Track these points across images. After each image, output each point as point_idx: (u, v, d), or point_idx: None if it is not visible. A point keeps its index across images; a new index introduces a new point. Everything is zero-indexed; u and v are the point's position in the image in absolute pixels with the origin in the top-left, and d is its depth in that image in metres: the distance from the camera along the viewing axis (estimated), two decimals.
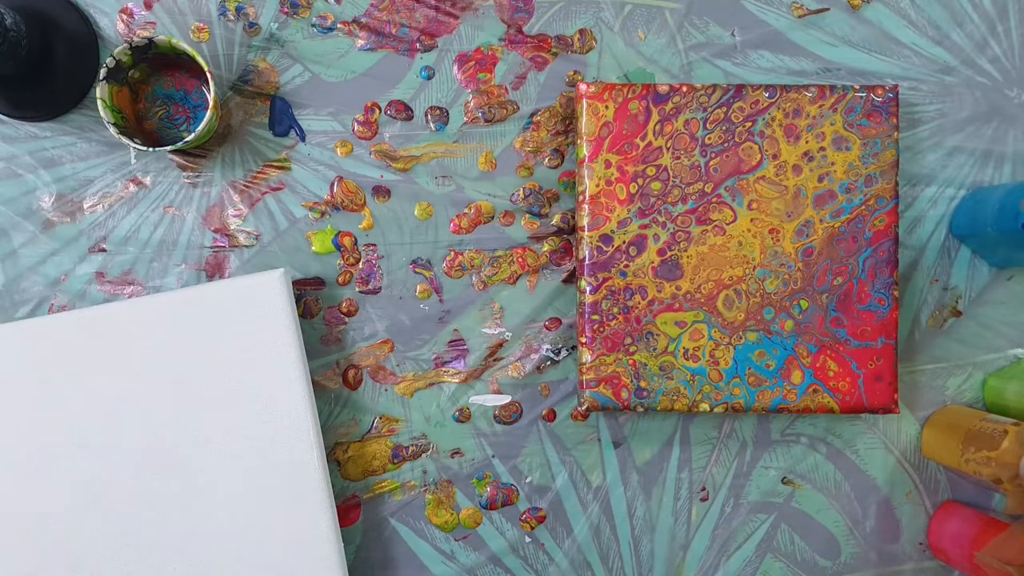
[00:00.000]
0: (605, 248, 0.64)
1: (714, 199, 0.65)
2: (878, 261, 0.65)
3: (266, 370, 0.64)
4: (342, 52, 0.68)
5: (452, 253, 0.68)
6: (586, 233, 0.64)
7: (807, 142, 0.65)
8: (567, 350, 0.69)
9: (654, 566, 0.69)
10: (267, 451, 0.64)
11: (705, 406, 0.65)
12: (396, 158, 0.68)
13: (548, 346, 0.69)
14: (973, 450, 0.62)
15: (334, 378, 0.68)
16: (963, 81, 0.69)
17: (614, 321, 0.64)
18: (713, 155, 0.65)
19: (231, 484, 0.64)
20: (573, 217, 0.69)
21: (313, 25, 0.68)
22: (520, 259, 0.69)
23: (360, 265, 0.68)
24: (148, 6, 0.67)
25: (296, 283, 0.68)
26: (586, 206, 0.64)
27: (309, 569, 0.64)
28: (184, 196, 0.68)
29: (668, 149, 0.65)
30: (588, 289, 0.65)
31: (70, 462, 0.64)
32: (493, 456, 0.69)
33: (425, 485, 0.69)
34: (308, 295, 0.68)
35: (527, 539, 0.69)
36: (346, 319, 0.68)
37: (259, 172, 0.68)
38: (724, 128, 0.65)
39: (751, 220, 0.65)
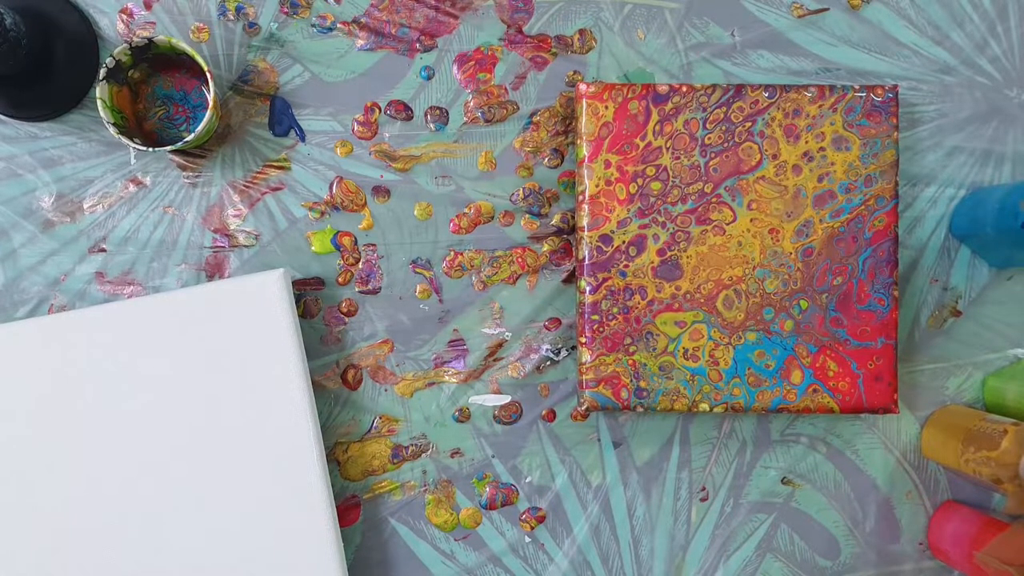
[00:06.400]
0: (605, 248, 0.64)
1: (714, 199, 0.65)
2: (878, 261, 0.65)
3: (266, 370, 0.64)
4: (342, 52, 0.68)
5: (452, 253, 0.68)
6: (586, 233, 0.64)
7: (807, 142, 0.65)
8: (567, 350, 0.69)
9: (654, 566, 0.69)
10: (267, 451, 0.64)
11: (705, 406, 0.65)
12: (396, 158, 0.68)
13: (548, 346, 0.69)
14: (973, 450, 0.62)
15: (334, 378, 0.68)
16: (963, 81, 0.69)
17: (614, 321, 0.64)
18: (713, 155, 0.65)
19: (231, 484, 0.64)
20: (573, 217, 0.69)
21: (313, 25, 0.68)
22: (520, 259, 0.69)
23: (360, 265, 0.68)
24: (148, 6, 0.67)
25: (296, 283, 0.68)
26: (586, 206, 0.64)
27: (309, 569, 0.64)
28: (184, 196, 0.68)
29: (668, 149, 0.65)
30: (588, 289, 0.65)
31: (69, 462, 0.64)
32: (493, 456, 0.69)
33: (425, 485, 0.69)
34: (308, 295, 0.68)
35: (527, 539, 0.69)
36: (346, 319, 0.68)
37: (259, 172, 0.68)
38: (724, 128, 0.65)
39: (751, 220, 0.65)
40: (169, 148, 0.62)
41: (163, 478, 0.64)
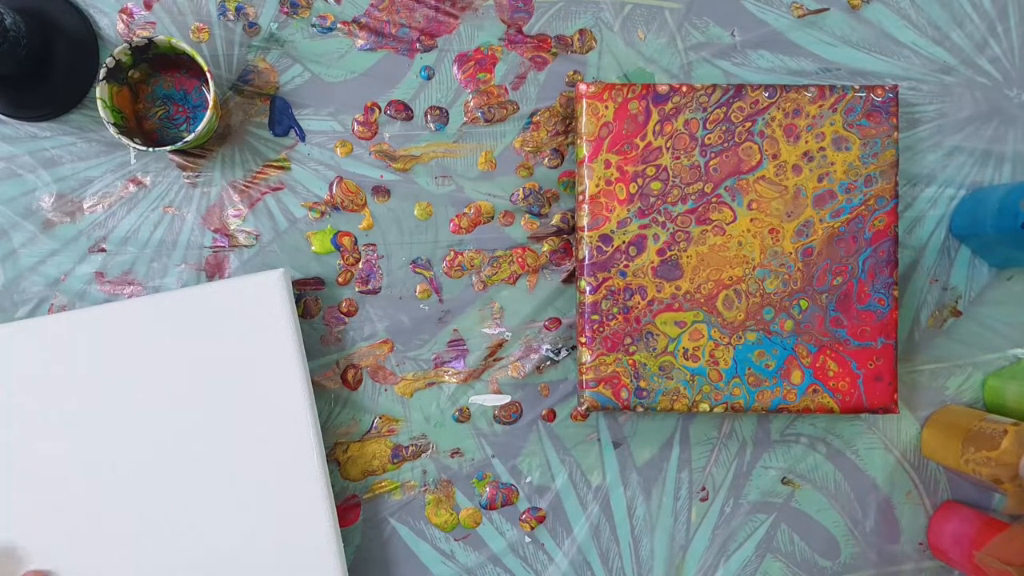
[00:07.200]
0: (605, 248, 0.64)
1: (714, 199, 0.65)
2: (878, 261, 0.65)
3: (266, 370, 0.64)
4: (342, 52, 0.68)
5: (452, 253, 0.68)
6: (586, 233, 0.64)
7: (807, 142, 0.65)
8: (567, 350, 0.69)
9: (654, 566, 0.69)
10: (267, 451, 0.64)
11: (705, 406, 0.65)
12: (396, 158, 0.68)
13: (548, 346, 0.69)
14: (973, 450, 0.62)
15: (334, 378, 0.68)
16: (963, 81, 0.69)
17: (614, 321, 0.64)
18: (713, 155, 0.65)
19: (230, 484, 0.64)
20: (573, 217, 0.69)
21: (313, 25, 0.68)
22: (520, 259, 0.69)
23: (360, 265, 0.68)
24: (148, 6, 0.67)
25: (296, 283, 0.68)
26: (586, 206, 0.64)
27: (309, 569, 0.64)
28: (184, 196, 0.68)
29: (668, 149, 0.65)
30: (588, 289, 0.65)
31: (69, 462, 0.64)
32: (493, 456, 0.69)
33: (425, 485, 0.69)
34: (308, 295, 0.68)
35: (527, 539, 0.69)
36: (346, 319, 0.68)
37: (259, 172, 0.68)
38: (724, 128, 0.65)
39: (751, 220, 0.65)
40: (169, 148, 0.62)
41: (163, 478, 0.64)
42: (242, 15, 0.67)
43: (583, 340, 0.65)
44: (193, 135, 0.61)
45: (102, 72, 0.61)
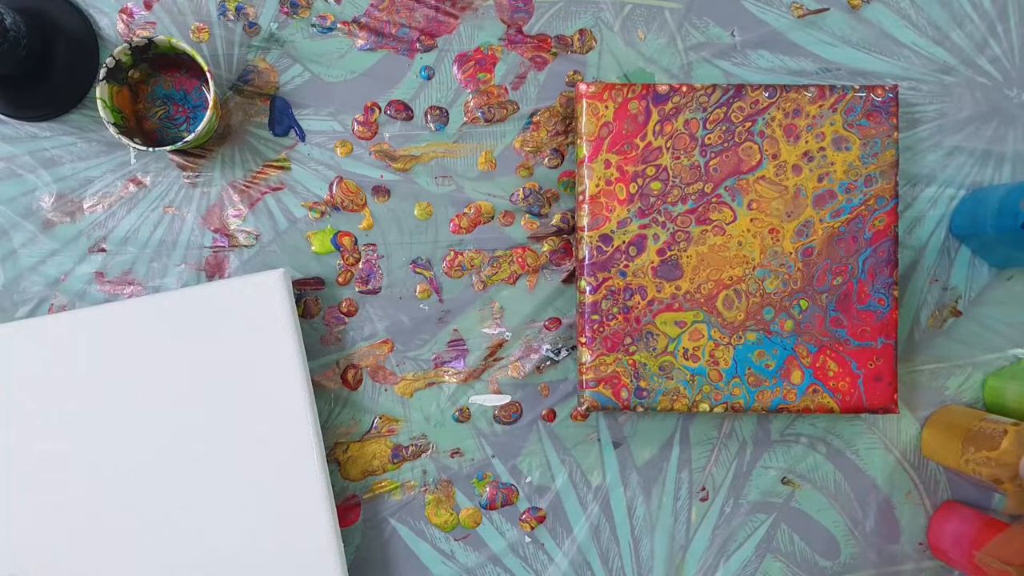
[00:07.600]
0: (605, 248, 0.64)
1: (714, 199, 0.65)
2: (878, 261, 0.65)
3: (266, 370, 0.64)
4: (342, 52, 0.68)
5: (452, 253, 0.68)
6: (586, 233, 0.65)
7: (807, 142, 0.65)
8: (567, 350, 0.69)
9: (654, 566, 0.69)
10: (267, 451, 0.64)
11: (705, 406, 0.65)
12: (396, 158, 0.68)
13: (548, 346, 0.69)
14: (973, 450, 0.62)
15: (334, 378, 0.68)
16: (963, 81, 0.69)
17: (614, 321, 0.64)
18: (713, 155, 0.65)
19: (230, 484, 0.64)
20: (573, 217, 0.69)
21: (313, 25, 0.68)
22: (520, 259, 0.69)
23: (360, 265, 0.68)
24: (148, 6, 0.67)
25: (296, 283, 0.68)
26: (586, 206, 0.64)
27: (309, 569, 0.64)
28: (184, 196, 0.68)
29: (668, 149, 0.65)
30: (588, 289, 0.65)
31: (69, 463, 0.64)
32: (493, 456, 0.69)
33: (425, 485, 0.69)
34: (308, 295, 0.68)
35: (527, 539, 0.69)
36: (346, 319, 0.68)
37: (259, 172, 0.68)
38: (724, 128, 0.65)
39: (751, 220, 0.65)
40: (169, 148, 0.62)
41: (163, 478, 0.64)
42: (242, 15, 0.67)
43: (583, 340, 0.65)
44: (193, 135, 0.61)
45: (102, 72, 0.61)
